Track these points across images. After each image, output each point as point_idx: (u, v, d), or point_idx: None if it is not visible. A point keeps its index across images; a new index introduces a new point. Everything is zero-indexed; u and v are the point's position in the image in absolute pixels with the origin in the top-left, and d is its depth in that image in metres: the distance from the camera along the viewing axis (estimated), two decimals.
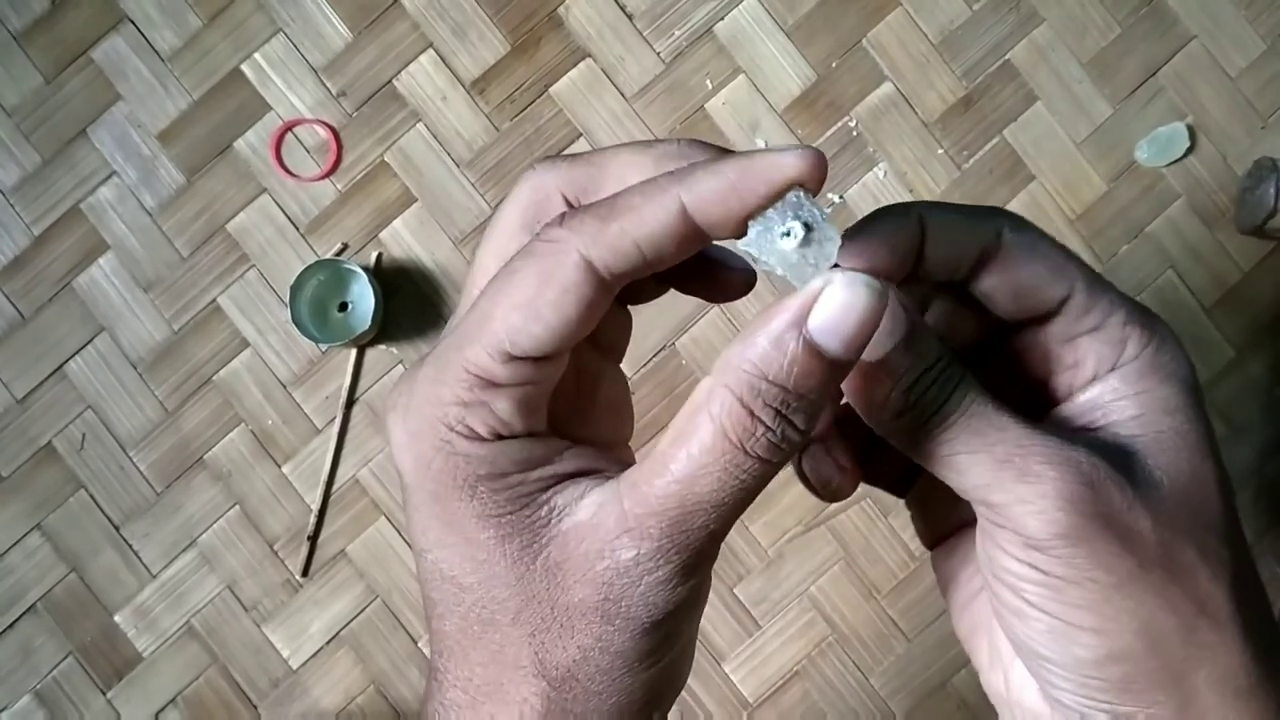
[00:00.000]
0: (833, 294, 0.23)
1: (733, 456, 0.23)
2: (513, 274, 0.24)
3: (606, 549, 0.24)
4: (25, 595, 0.76)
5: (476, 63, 0.78)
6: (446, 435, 0.24)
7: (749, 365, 0.23)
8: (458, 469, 0.24)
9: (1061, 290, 0.26)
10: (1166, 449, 0.26)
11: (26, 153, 0.78)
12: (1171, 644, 0.25)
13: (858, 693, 0.75)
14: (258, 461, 0.77)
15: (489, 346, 0.23)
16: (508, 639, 0.25)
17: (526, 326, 0.23)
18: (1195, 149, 0.77)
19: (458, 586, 0.25)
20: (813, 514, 0.76)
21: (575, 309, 0.23)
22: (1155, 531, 0.25)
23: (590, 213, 0.24)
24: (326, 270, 0.75)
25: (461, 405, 0.24)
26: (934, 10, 0.78)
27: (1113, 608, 0.25)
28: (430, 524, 0.25)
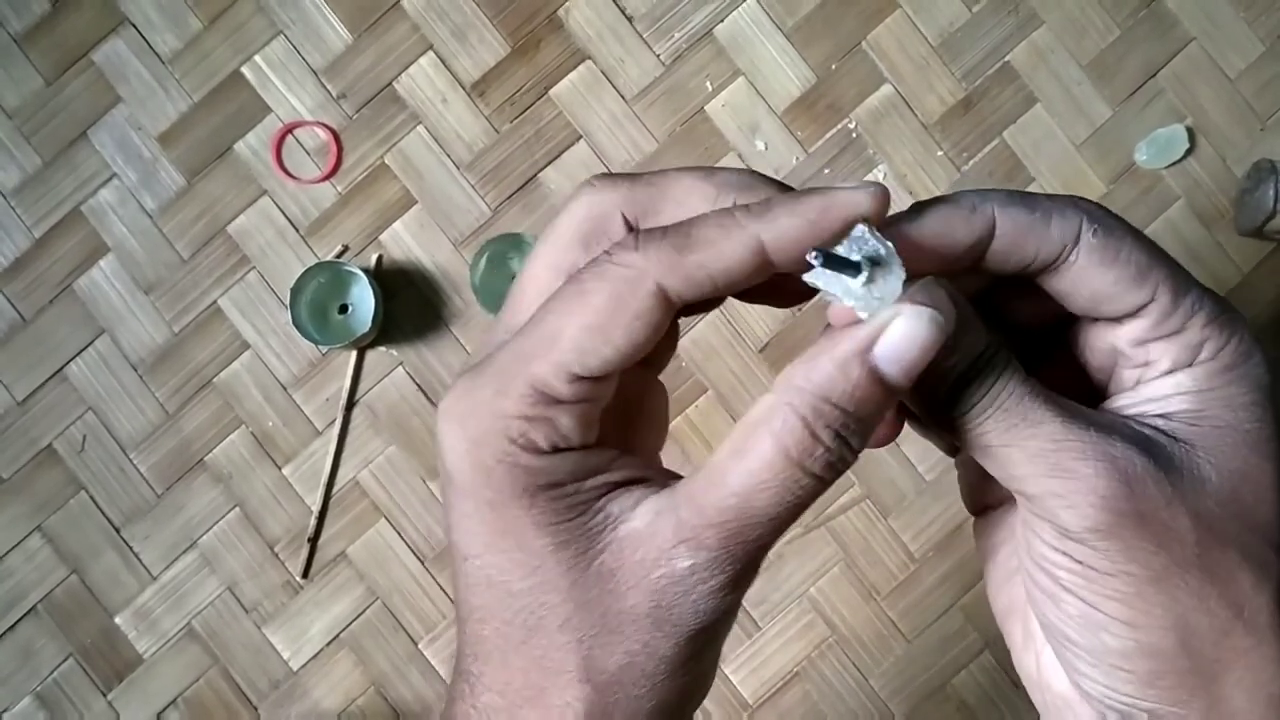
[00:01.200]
0: (901, 326, 0.24)
1: (791, 474, 0.24)
2: (584, 294, 0.24)
3: (663, 558, 0.24)
4: (26, 597, 0.76)
5: (477, 65, 0.78)
6: (508, 448, 0.24)
7: (813, 387, 0.23)
8: (518, 479, 0.24)
9: (1141, 298, 0.26)
10: (1223, 446, 0.26)
11: (27, 155, 0.78)
12: (1203, 644, 0.25)
13: (857, 694, 0.76)
14: (258, 463, 0.77)
15: (557, 366, 0.24)
16: (553, 644, 0.25)
17: (597, 349, 0.24)
18: (1194, 151, 0.77)
19: (506, 592, 0.25)
20: (813, 515, 0.76)
21: (645, 334, 0.24)
22: (1195, 530, 0.25)
23: (668, 241, 0.24)
24: (327, 272, 0.75)
25: (525, 420, 0.24)
26: (933, 12, 0.78)
27: (1145, 602, 0.25)
28: (481, 530, 0.25)
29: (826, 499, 0.76)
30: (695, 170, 0.26)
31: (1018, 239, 0.26)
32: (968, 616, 0.75)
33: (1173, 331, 0.26)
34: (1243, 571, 0.25)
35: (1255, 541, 0.26)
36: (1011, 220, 0.26)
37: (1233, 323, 0.27)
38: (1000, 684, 0.75)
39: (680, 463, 0.77)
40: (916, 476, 0.76)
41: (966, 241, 0.26)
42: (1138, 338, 0.27)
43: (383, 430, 0.77)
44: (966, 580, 0.76)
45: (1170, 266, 0.26)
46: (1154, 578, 0.25)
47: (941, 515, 0.76)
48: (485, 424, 0.24)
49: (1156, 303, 0.26)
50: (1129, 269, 0.26)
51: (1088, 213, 0.26)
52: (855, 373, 0.24)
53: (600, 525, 0.25)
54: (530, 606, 0.25)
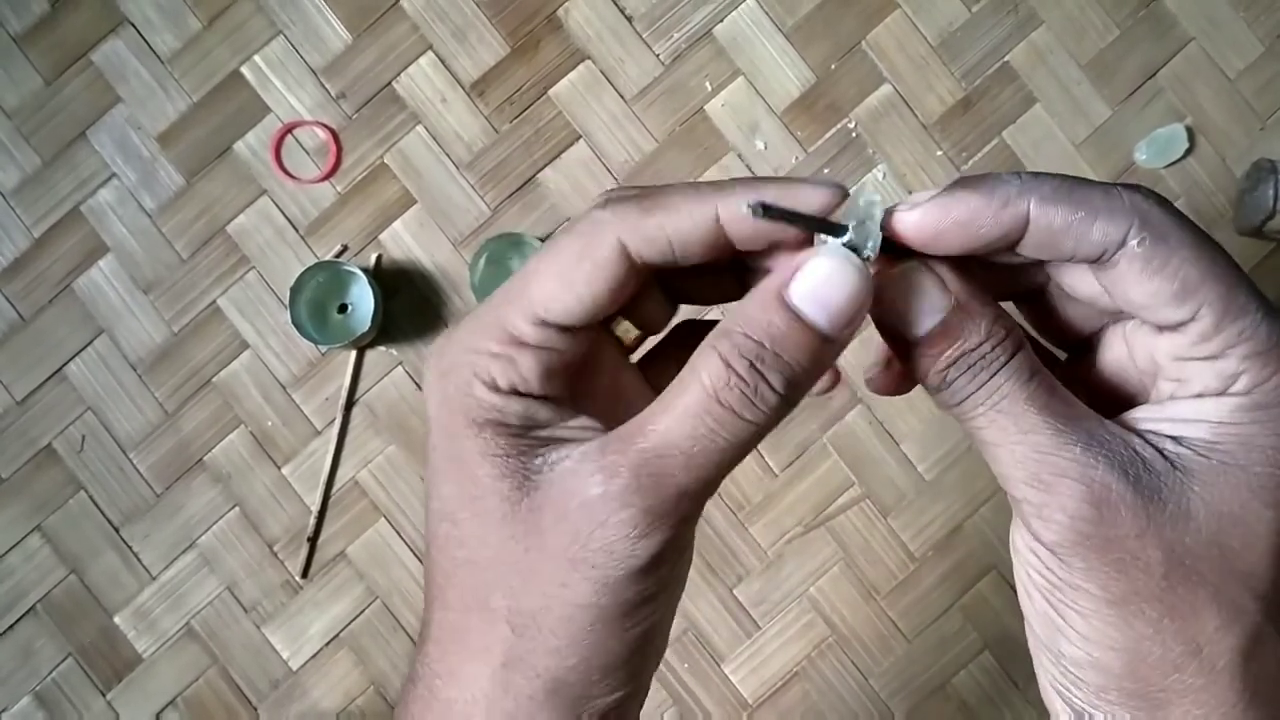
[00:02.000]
0: (814, 265, 0.25)
1: (706, 405, 0.24)
2: (556, 247, 0.26)
3: (579, 489, 0.25)
4: (25, 597, 0.76)
5: (476, 65, 0.78)
6: (470, 380, 0.26)
7: (735, 325, 0.25)
8: (470, 410, 0.26)
9: (1180, 315, 0.25)
10: (1223, 485, 0.25)
11: (26, 155, 0.78)
12: (1152, 673, 0.25)
13: (857, 694, 0.75)
14: (257, 463, 0.77)
15: (524, 308, 0.26)
16: (482, 581, 0.26)
17: (560, 295, 0.26)
18: (1194, 150, 0.77)
19: (452, 523, 0.27)
20: (812, 516, 0.76)
21: (605, 284, 0.26)
22: (1165, 564, 0.25)
23: (633, 202, 0.26)
24: (326, 272, 0.75)
25: (489, 356, 0.26)
26: (933, 12, 0.78)
27: (1101, 620, 0.25)
28: (441, 462, 0.27)
29: (826, 499, 0.76)
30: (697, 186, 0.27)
31: (1053, 239, 0.25)
32: (967, 616, 0.75)
33: (1210, 355, 0.25)
34: (1209, 612, 0.25)
35: (1233, 586, 0.25)
36: (1048, 219, 0.25)
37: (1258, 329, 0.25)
38: (1000, 683, 0.75)
39: None
40: (916, 476, 0.76)
41: (993, 235, 0.25)
42: (1174, 353, 0.26)
43: (382, 430, 0.77)
44: (966, 580, 0.76)
45: (1224, 287, 0.25)
46: (1112, 600, 0.25)
47: (941, 515, 0.76)
48: (456, 358, 0.26)
49: (1197, 323, 0.25)
50: (1172, 284, 0.25)
51: (1142, 216, 0.25)
52: (772, 308, 0.24)
53: (539, 467, 0.26)
54: (468, 541, 0.26)
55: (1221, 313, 0.25)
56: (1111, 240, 0.25)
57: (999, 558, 0.75)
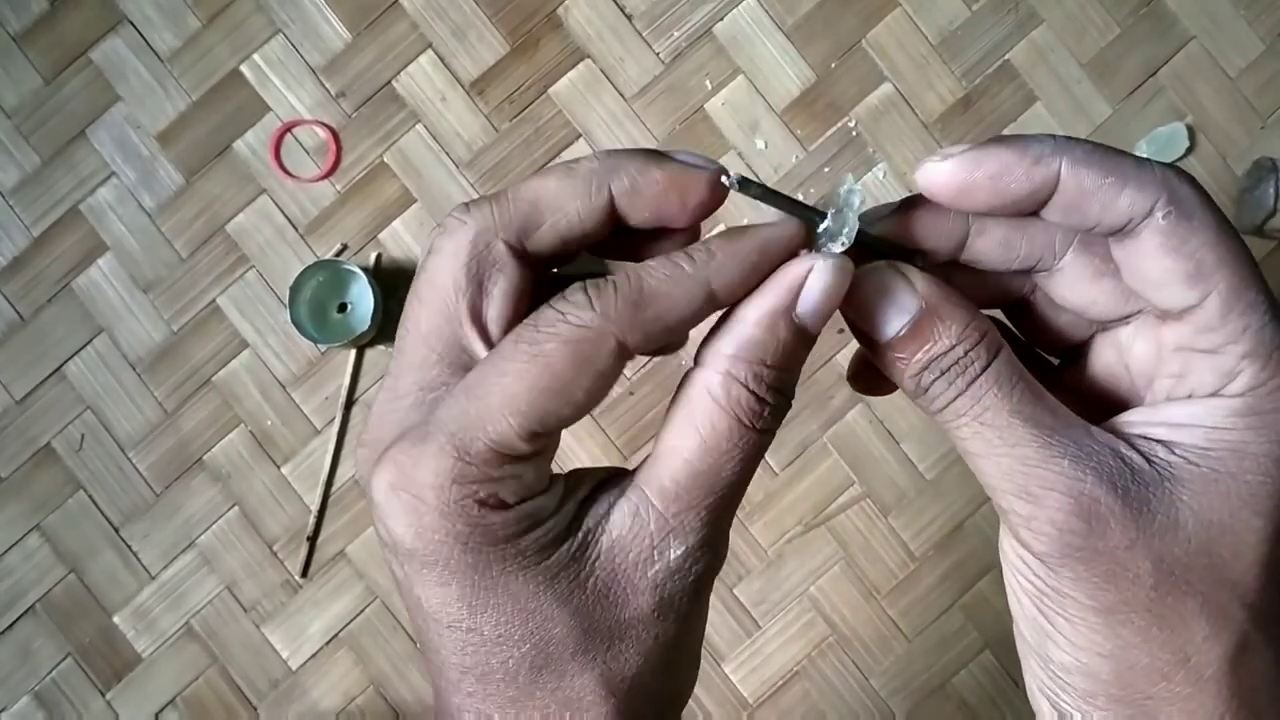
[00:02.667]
0: (821, 280, 0.25)
1: (745, 435, 0.25)
2: (542, 356, 0.24)
3: (655, 553, 0.25)
4: (24, 596, 0.76)
5: (476, 63, 0.78)
6: (479, 511, 0.24)
7: (747, 353, 0.24)
8: (495, 536, 0.24)
9: (1190, 299, 0.25)
10: (1214, 493, 0.25)
11: (26, 154, 0.78)
12: (1139, 681, 0.25)
13: (858, 693, 0.75)
14: (257, 462, 0.77)
15: (519, 428, 0.24)
16: (567, 673, 0.25)
17: (558, 410, 0.24)
18: (1195, 149, 0.77)
19: (505, 644, 0.25)
20: (812, 515, 0.76)
21: (606, 389, 0.24)
22: (1154, 574, 0.25)
23: (622, 297, 0.24)
24: (326, 271, 0.75)
25: (491, 481, 0.24)
26: (933, 11, 0.78)
27: (1088, 628, 0.25)
28: (464, 595, 0.25)
29: (827, 498, 0.76)
30: (556, 170, 0.26)
31: (1081, 201, 0.25)
32: (968, 615, 0.75)
33: (1210, 348, 0.25)
34: (1198, 622, 0.25)
35: (1221, 595, 0.25)
36: (1078, 180, 0.25)
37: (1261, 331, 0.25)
38: (1000, 683, 0.75)
39: None
40: (916, 475, 0.76)
41: (1022, 192, 0.25)
42: (1178, 343, 0.26)
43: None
44: (967, 579, 0.75)
45: (1237, 279, 0.25)
46: (1101, 609, 0.25)
47: (942, 514, 0.76)
48: (448, 492, 0.24)
49: (1203, 310, 0.25)
50: (1188, 264, 0.24)
51: (1171, 191, 0.25)
52: (784, 332, 0.25)
53: (583, 545, 0.25)
54: (536, 648, 0.25)
55: (1230, 304, 0.25)
56: (1139, 210, 0.25)
57: (999, 557, 0.75)
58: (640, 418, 0.77)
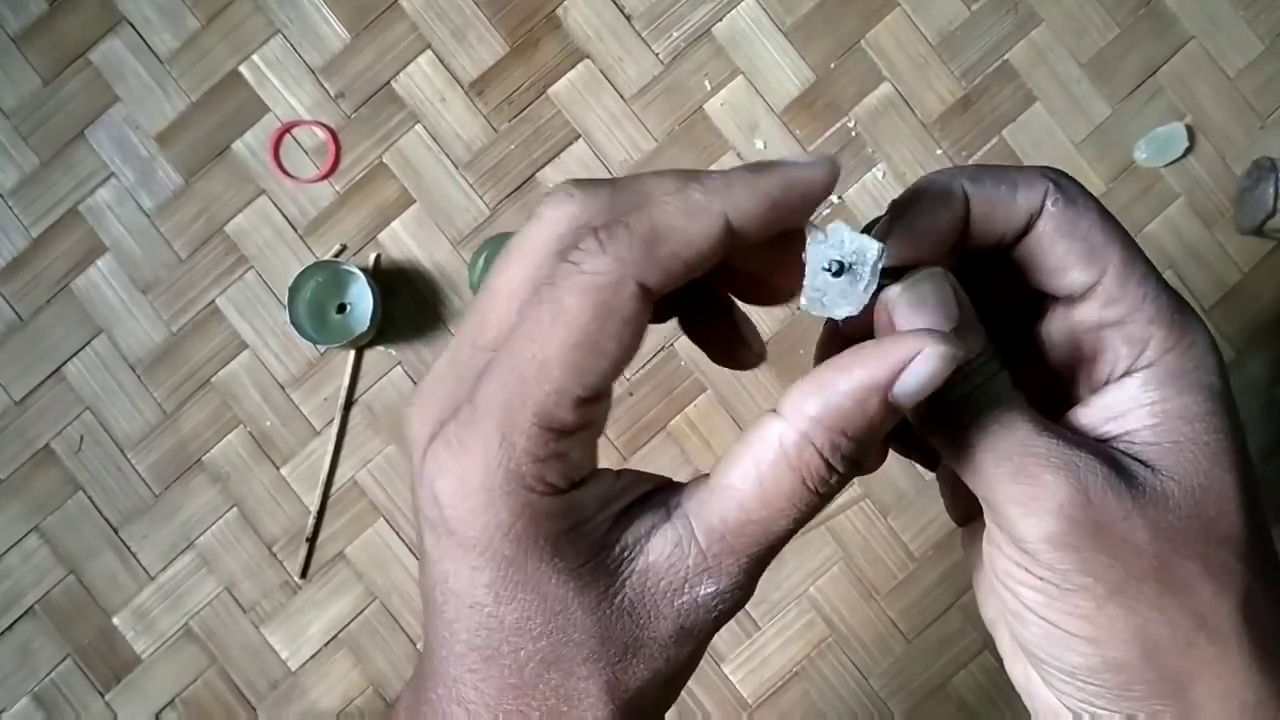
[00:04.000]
0: (925, 366, 0.24)
1: (808, 498, 0.25)
2: (564, 311, 0.23)
3: (686, 586, 0.25)
4: (23, 597, 0.76)
5: (475, 64, 0.78)
6: (528, 497, 0.23)
7: (829, 420, 0.24)
8: (540, 528, 0.24)
9: (1090, 276, 0.26)
10: (1182, 459, 0.26)
11: (25, 154, 0.78)
12: (1168, 655, 0.26)
13: (857, 694, 0.75)
14: (256, 463, 0.77)
15: (559, 394, 0.23)
16: (574, 674, 0.25)
17: (594, 365, 0.23)
18: (1194, 149, 0.77)
19: (525, 636, 0.25)
20: None
21: (635, 337, 0.23)
22: (1153, 544, 0.25)
23: (634, 236, 0.23)
24: (325, 272, 0.75)
25: (539, 462, 0.23)
26: (932, 11, 0.78)
27: (1105, 616, 0.25)
28: (495, 583, 0.24)
29: None
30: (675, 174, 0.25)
31: (990, 212, 0.26)
32: (967, 616, 0.75)
33: (1119, 319, 0.27)
34: (1203, 582, 0.26)
35: (1219, 553, 0.26)
36: (982, 194, 0.26)
37: (1185, 323, 0.27)
38: (1000, 683, 0.75)
39: (679, 462, 0.76)
40: (916, 475, 0.76)
41: (950, 226, 0.26)
42: (1088, 321, 0.27)
43: (381, 430, 0.77)
44: (966, 580, 0.75)
45: (1127, 253, 0.27)
46: (1112, 591, 0.25)
47: (941, 514, 0.76)
48: (496, 476, 0.23)
49: (1103, 285, 0.26)
50: (1082, 244, 0.26)
51: (1054, 181, 0.27)
52: (873, 408, 0.24)
53: (618, 559, 0.25)
54: (550, 646, 0.25)
55: (1126, 274, 0.26)
56: (1034, 204, 0.26)
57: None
58: (639, 418, 0.77)
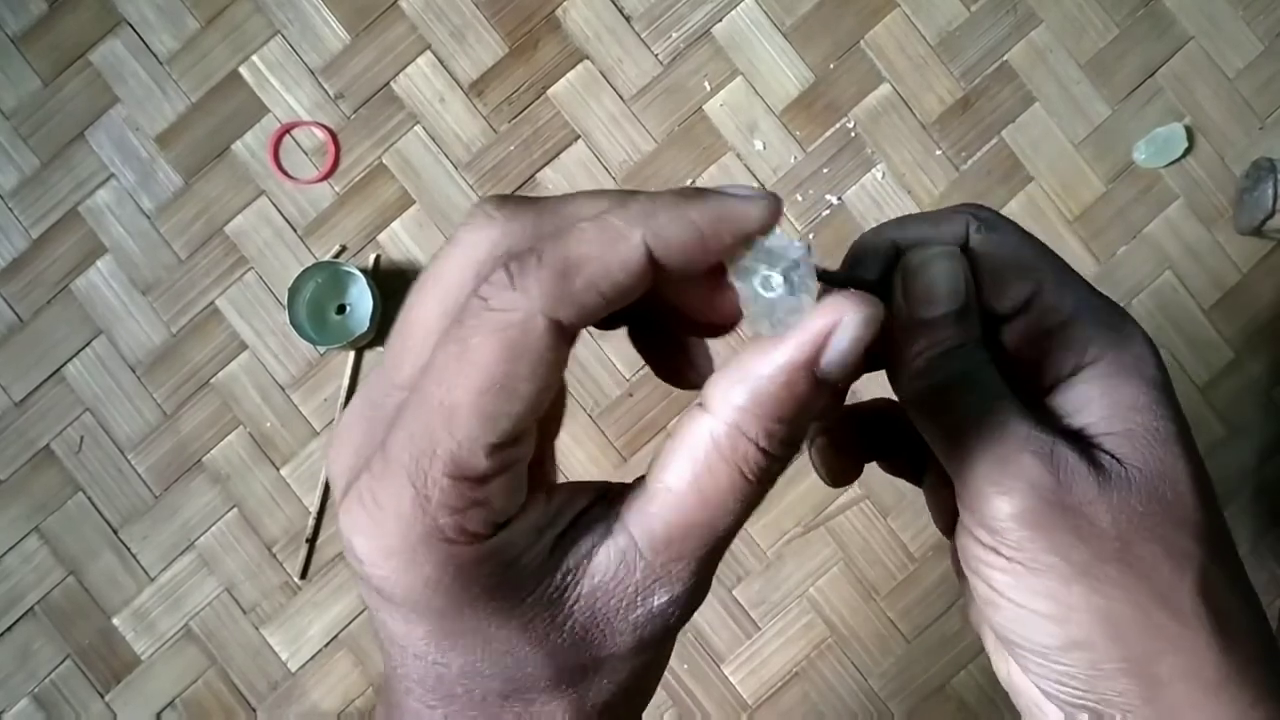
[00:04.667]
0: (849, 334, 0.23)
1: (749, 490, 0.23)
2: (471, 353, 0.21)
3: (639, 599, 0.24)
4: (24, 598, 0.76)
5: (475, 65, 0.78)
6: (449, 549, 0.22)
7: (759, 408, 0.23)
8: (468, 578, 0.22)
9: (1026, 289, 0.28)
10: (1138, 446, 0.28)
11: (25, 155, 0.78)
12: (1131, 635, 0.27)
13: (857, 694, 0.75)
14: (256, 464, 0.77)
15: (469, 443, 0.21)
16: (536, 701, 0.25)
17: (505, 410, 0.21)
18: (1193, 150, 0.77)
19: (476, 677, 0.24)
20: (812, 516, 0.76)
21: (551, 375, 0.22)
22: (1115, 526, 0.26)
23: (544, 267, 0.21)
24: (325, 272, 0.75)
25: (456, 513, 0.22)
26: (932, 12, 0.78)
27: (1071, 596, 0.26)
28: (436, 637, 0.24)
29: (826, 499, 0.76)
30: (606, 195, 0.24)
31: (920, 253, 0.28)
32: (967, 616, 0.75)
33: (1057, 325, 0.28)
34: (1163, 563, 0.27)
35: (1177, 536, 0.27)
36: (909, 237, 0.28)
37: (1119, 324, 0.28)
38: (1000, 683, 0.75)
39: None
40: None
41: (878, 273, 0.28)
42: (1033, 330, 0.28)
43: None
44: None
45: (1057, 265, 0.28)
46: (1077, 572, 0.26)
47: None
48: (413, 532, 0.22)
49: (1041, 295, 0.28)
50: (1013, 262, 0.28)
51: (973, 214, 0.28)
52: (801, 388, 0.23)
53: (561, 586, 0.24)
54: (505, 682, 0.24)
55: (1059, 283, 0.28)
56: (959, 234, 0.28)
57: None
58: (639, 419, 0.77)
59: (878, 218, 0.77)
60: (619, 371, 0.77)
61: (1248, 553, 0.76)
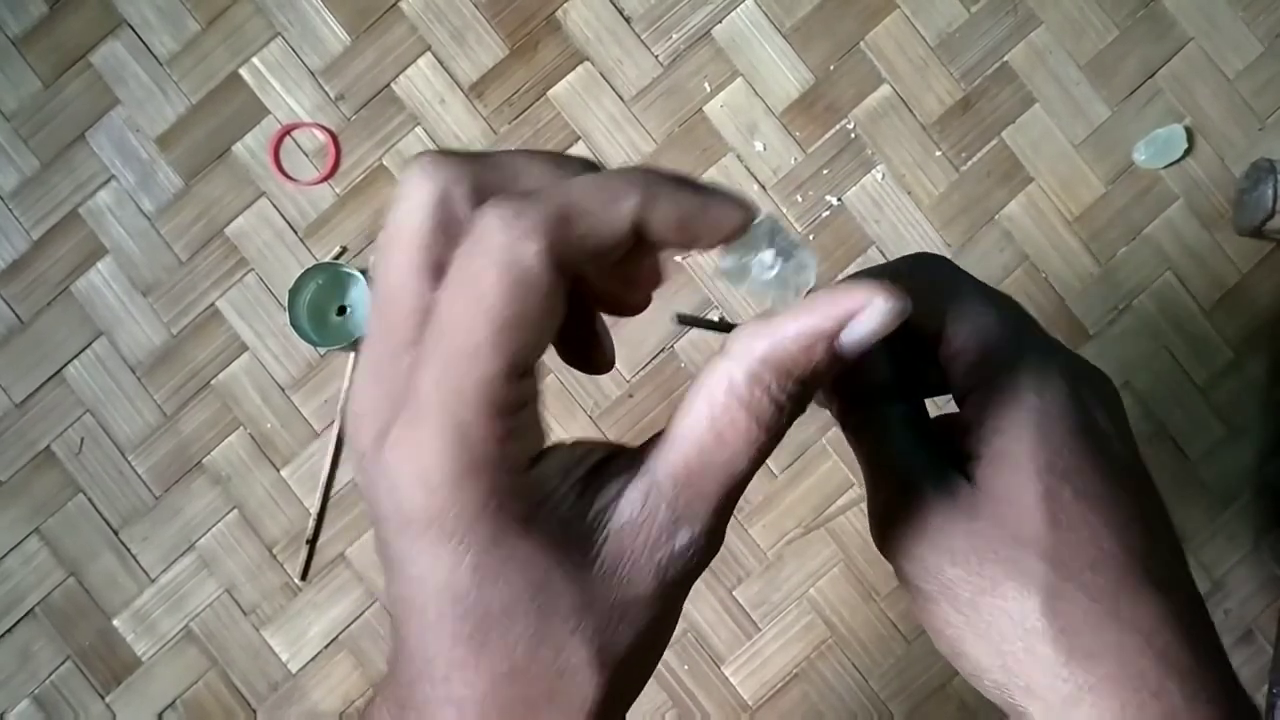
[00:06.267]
0: (875, 316, 0.25)
1: (762, 438, 0.26)
2: (481, 292, 0.23)
3: (662, 539, 0.26)
4: (24, 599, 0.76)
5: (475, 66, 0.78)
6: (491, 479, 0.23)
7: (777, 362, 0.25)
8: (510, 510, 0.24)
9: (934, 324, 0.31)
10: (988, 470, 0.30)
11: (25, 157, 0.78)
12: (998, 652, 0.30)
13: (857, 695, 0.75)
14: (256, 465, 0.77)
15: (496, 376, 0.23)
16: (565, 647, 0.26)
17: (523, 340, 0.23)
18: (1193, 150, 0.77)
19: (512, 617, 0.25)
20: (812, 517, 0.76)
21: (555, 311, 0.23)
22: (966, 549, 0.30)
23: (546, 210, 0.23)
24: (325, 274, 0.75)
25: (496, 442, 0.23)
26: (932, 13, 0.78)
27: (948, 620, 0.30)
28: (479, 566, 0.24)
29: (826, 500, 0.76)
30: (545, 155, 0.26)
31: None
32: None
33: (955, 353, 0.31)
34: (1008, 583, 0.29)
35: (1021, 556, 0.29)
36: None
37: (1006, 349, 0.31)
38: None
39: None
40: None
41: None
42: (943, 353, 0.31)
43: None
44: None
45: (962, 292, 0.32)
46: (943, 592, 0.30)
47: None
48: (458, 463, 0.23)
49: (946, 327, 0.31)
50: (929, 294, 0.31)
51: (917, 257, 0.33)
52: (818, 354, 0.25)
53: (591, 525, 0.25)
54: (539, 622, 0.25)
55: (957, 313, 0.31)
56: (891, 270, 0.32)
57: None
58: (639, 420, 0.77)
59: (878, 219, 0.77)
60: (619, 372, 0.77)
61: (1249, 553, 0.76)
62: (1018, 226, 0.77)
